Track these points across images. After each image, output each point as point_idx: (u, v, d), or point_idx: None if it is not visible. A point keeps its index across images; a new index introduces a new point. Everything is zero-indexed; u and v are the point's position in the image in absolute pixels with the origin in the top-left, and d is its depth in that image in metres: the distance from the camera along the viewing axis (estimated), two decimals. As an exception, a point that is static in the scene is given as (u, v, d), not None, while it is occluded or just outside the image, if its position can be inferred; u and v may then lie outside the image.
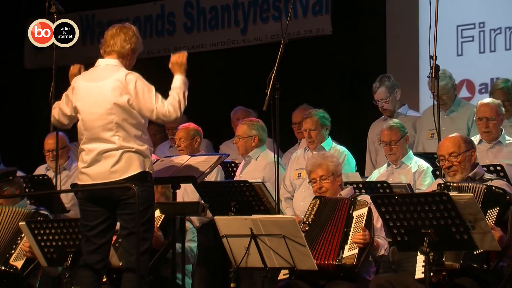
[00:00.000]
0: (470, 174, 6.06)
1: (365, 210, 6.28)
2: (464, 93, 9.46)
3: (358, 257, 6.17)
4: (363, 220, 6.26)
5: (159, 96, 5.91)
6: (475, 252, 5.56)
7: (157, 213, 6.65)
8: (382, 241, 6.37)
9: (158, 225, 6.63)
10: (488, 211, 5.66)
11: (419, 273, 5.72)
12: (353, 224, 6.28)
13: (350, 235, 6.24)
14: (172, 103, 5.92)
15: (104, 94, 5.87)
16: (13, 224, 6.92)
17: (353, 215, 6.31)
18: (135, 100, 5.85)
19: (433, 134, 7.95)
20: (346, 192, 6.62)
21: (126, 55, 6.00)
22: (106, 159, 5.84)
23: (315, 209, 6.49)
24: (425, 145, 8.24)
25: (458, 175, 6.07)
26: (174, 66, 6.12)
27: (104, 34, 6.07)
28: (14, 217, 6.94)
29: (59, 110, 6.13)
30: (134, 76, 5.90)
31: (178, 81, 6.03)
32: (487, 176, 6.16)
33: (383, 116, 8.64)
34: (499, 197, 5.72)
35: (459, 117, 8.14)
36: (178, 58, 6.12)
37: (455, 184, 5.88)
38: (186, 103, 6.01)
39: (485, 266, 5.62)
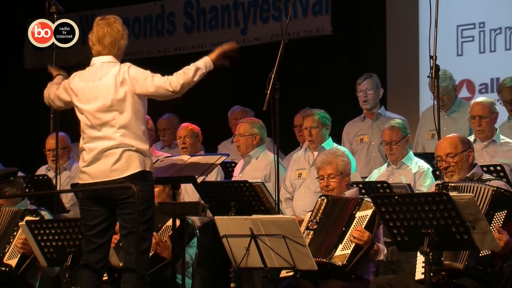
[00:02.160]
0: (468, 175, 6.04)
1: (369, 212, 6.22)
2: (464, 93, 9.46)
3: (350, 258, 6.13)
4: (364, 222, 6.21)
5: (156, 74, 5.88)
6: (480, 254, 5.56)
7: (171, 222, 6.63)
8: (382, 246, 6.35)
9: (169, 234, 6.62)
10: (496, 214, 5.63)
11: (419, 274, 5.71)
12: (353, 224, 6.25)
13: (347, 235, 6.21)
14: (178, 74, 5.89)
15: (103, 92, 5.87)
16: (4, 223, 6.92)
17: (356, 215, 6.27)
18: (134, 86, 5.83)
19: (433, 134, 7.96)
20: (351, 193, 6.60)
21: (120, 51, 5.98)
22: (107, 157, 5.83)
23: (322, 207, 6.45)
24: (426, 146, 8.24)
25: (456, 176, 6.06)
26: (219, 50, 6.06)
27: (89, 35, 6.05)
28: (4, 216, 6.94)
29: (56, 94, 6.11)
30: (127, 66, 5.90)
31: (202, 61, 5.97)
32: (486, 176, 6.15)
33: (360, 116, 8.64)
34: (508, 199, 5.67)
35: (460, 117, 8.15)
36: (230, 47, 6.09)
37: (452, 184, 5.87)
38: (194, 82, 5.92)
39: (489, 269, 5.61)
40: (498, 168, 6.80)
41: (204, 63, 5.97)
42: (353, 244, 6.17)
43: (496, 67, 9.41)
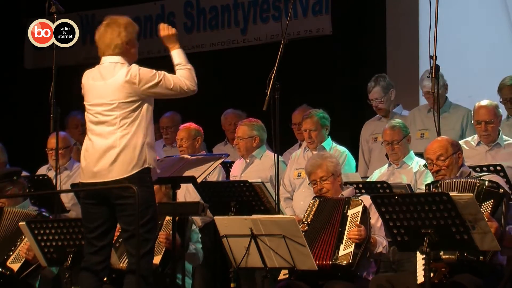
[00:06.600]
0: (457, 174, 6.10)
1: (359, 209, 6.31)
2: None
3: (354, 256, 6.18)
4: (357, 218, 6.29)
5: (166, 76, 5.93)
6: None
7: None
8: (381, 239, 6.37)
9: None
10: (483, 204, 5.69)
11: (420, 277, 5.70)
12: (347, 223, 6.31)
13: (345, 234, 6.26)
14: (187, 78, 5.97)
15: (108, 93, 5.87)
16: (13, 225, 6.91)
17: (348, 214, 6.34)
18: (144, 90, 5.84)
19: (422, 134, 8.05)
20: (347, 193, 6.62)
21: (123, 49, 5.97)
22: (105, 157, 5.84)
23: (314, 209, 6.50)
24: (415, 145, 8.20)
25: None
26: (167, 40, 6.17)
27: (95, 34, 6.06)
28: (14, 218, 6.93)
29: None
30: (135, 70, 5.88)
31: (180, 56, 6.09)
32: (474, 174, 6.18)
33: (377, 116, 8.64)
34: (493, 190, 5.74)
35: (451, 118, 8.14)
36: (167, 31, 6.17)
37: (440, 182, 5.91)
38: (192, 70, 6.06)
39: (481, 257, 5.62)
40: (498, 168, 6.80)
41: (183, 57, 6.09)
42: (353, 243, 6.22)
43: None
